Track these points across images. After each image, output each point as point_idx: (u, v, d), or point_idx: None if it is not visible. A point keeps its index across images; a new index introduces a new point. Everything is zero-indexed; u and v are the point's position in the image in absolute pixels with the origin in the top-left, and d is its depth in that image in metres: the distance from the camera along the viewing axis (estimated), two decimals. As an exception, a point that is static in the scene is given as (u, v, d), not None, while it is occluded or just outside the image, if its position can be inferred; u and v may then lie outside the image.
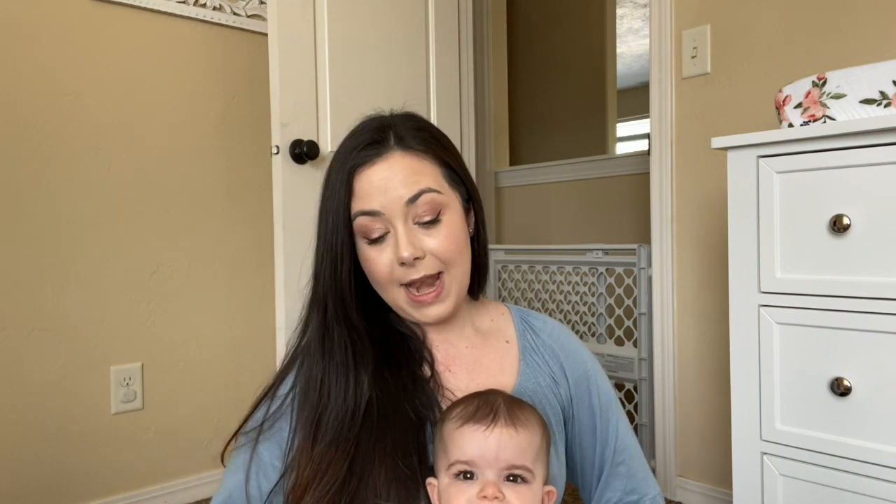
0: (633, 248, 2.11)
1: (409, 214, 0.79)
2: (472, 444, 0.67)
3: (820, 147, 1.16)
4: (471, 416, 0.69)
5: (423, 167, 0.81)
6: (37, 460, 1.77)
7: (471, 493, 0.66)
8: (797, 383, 1.19)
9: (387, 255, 0.80)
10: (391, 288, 0.82)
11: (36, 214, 1.78)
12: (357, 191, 0.80)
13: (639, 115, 5.84)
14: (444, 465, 0.69)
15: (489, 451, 0.67)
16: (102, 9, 1.88)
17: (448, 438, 0.69)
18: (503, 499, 0.66)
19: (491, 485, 0.66)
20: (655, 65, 2.01)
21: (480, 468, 0.67)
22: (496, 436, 0.67)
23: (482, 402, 0.70)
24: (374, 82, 2.04)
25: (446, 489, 0.68)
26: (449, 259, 0.81)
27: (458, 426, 0.69)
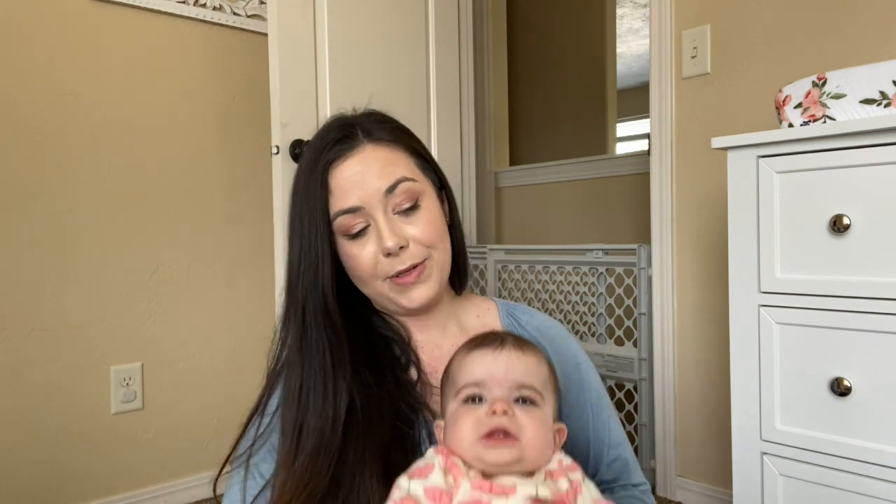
0: (633, 248, 2.11)
1: (388, 205, 0.79)
2: (480, 367, 0.66)
3: (820, 147, 1.16)
4: (478, 343, 0.68)
5: (395, 157, 0.82)
6: (37, 460, 1.77)
7: (479, 413, 0.64)
8: (797, 383, 1.19)
9: (369, 248, 0.79)
10: (375, 282, 0.81)
11: (36, 214, 1.78)
12: (333, 188, 0.80)
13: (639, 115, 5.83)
14: (452, 395, 0.68)
15: (498, 370, 0.66)
16: (102, 9, 1.88)
17: (456, 369, 0.69)
18: (513, 415, 0.63)
19: (500, 400, 0.64)
20: (655, 65, 2.01)
21: (489, 388, 0.66)
22: (505, 356, 0.67)
23: (489, 335, 0.70)
24: (374, 82, 2.04)
25: (454, 415, 0.66)
26: (432, 243, 0.81)
27: (466, 354, 0.68)
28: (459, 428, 0.64)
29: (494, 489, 0.60)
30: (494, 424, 0.62)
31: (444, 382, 0.71)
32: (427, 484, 0.61)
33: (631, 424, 2.17)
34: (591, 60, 3.62)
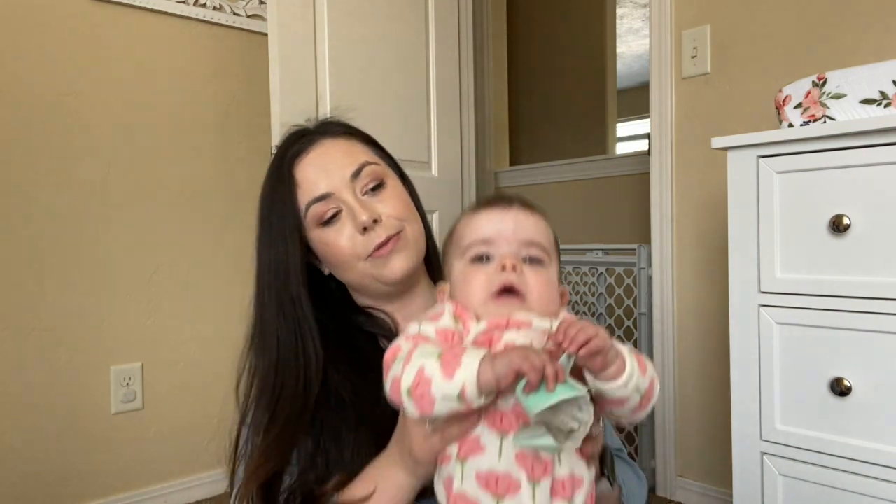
0: (633, 248, 2.11)
1: (355, 188, 0.82)
2: (489, 225, 0.66)
3: (820, 147, 1.16)
4: (486, 203, 0.68)
5: (353, 147, 0.86)
6: (37, 460, 1.77)
7: (488, 271, 0.64)
8: (797, 383, 1.19)
9: (345, 231, 0.81)
10: (357, 264, 0.82)
11: (36, 214, 1.78)
12: (300, 181, 0.82)
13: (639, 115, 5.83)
14: (458, 255, 0.67)
15: (506, 228, 0.65)
16: (102, 9, 1.88)
17: (463, 229, 0.68)
18: (521, 272, 0.63)
19: (509, 256, 0.64)
20: (655, 65, 2.01)
21: (497, 245, 0.65)
22: (513, 215, 0.66)
23: (496, 197, 0.69)
24: (374, 82, 2.04)
25: (462, 273, 0.66)
26: (403, 216, 0.83)
27: (473, 215, 0.68)
28: (469, 285, 0.64)
29: (511, 323, 0.60)
30: (503, 280, 0.62)
31: (447, 245, 0.71)
32: (438, 326, 0.62)
33: (631, 425, 2.17)
34: (591, 60, 3.61)
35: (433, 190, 2.15)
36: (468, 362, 0.53)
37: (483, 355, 0.54)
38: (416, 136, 2.18)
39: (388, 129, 2.10)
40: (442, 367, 0.54)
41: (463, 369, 0.53)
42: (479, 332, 0.61)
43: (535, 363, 0.51)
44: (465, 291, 0.65)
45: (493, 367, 0.53)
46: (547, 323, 0.61)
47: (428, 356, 0.55)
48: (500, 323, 0.61)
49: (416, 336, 0.61)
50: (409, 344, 0.59)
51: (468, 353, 0.55)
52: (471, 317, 0.63)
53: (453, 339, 0.61)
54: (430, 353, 0.56)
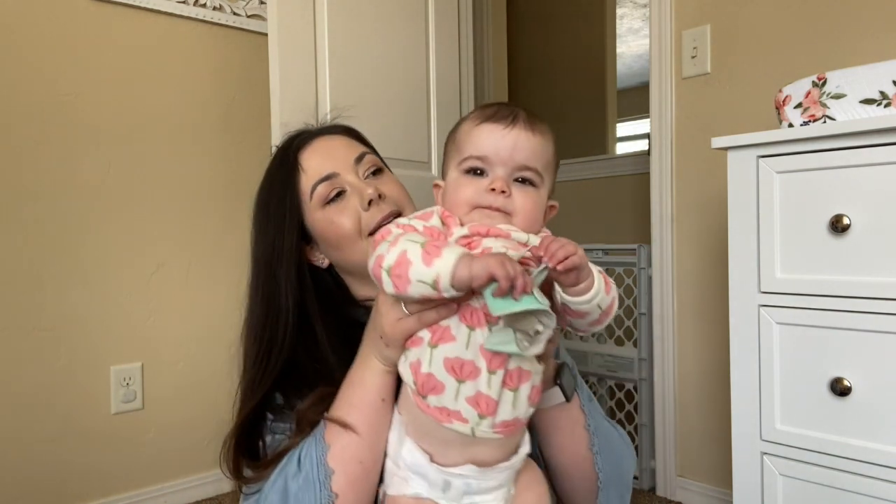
0: (633, 248, 2.11)
1: (358, 171, 0.87)
2: (488, 141, 0.67)
3: (820, 147, 1.16)
4: (490, 116, 0.68)
5: (352, 144, 0.91)
6: (37, 460, 1.77)
7: (479, 186, 0.67)
8: (797, 383, 1.19)
9: (350, 208, 0.84)
10: (357, 242, 0.84)
11: (36, 214, 1.78)
12: (306, 166, 0.87)
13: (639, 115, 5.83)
14: (455, 163, 0.70)
15: (504, 148, 0.67)
16: (102, 9, 1.88)
17: (464, 137, 0.69)
18: (510, 195, 0.67)
19: (500, 179, 0.67)
20: (655, 65, 2.01)
21: (492, 164, 0.68)
22: (514, 135, 0.67)
23: (502, 107, 0.70)
24: (374, 82, 2.04)
25: (454, 182, 0.69)
26: (401, 203, 0.87)
27: (476, 124, 0.69)
28: (458, 195, 0.68)
29: (491, 232, 0.65)
30: (490, 202, 0.66)
31: (448, 145, 0.73)
32: (426, 224, 0.66)
33: (631, 424, 2.17)
34: (591, 60, 3.61)
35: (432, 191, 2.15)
36: (447, 255, 0.58)
37: (463, 252, 0.58)
38: (416, 136, 2.18)
39: (388, 129, 2.10)
40: (423, 255, 0.58)
41: (441, 260, 0.58)
42: (461, 235, 0.65)
43: (509, 271, 0.55)
44: (453, 200, 0.68)
45: (470, 265, 0.57)
46: (525, 237, 0.66)
47: (412, 243, 0.60)
48: (480, 230, 0.65)
49: (405, 225, 0.66)
50: (399, 230, 0.64)
51: (450, 247, 0.59)
52: (455, 222, 0.67)
53: (439, 238, 0.65)
54: (415, 240, 0.60)
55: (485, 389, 0.61)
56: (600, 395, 2.26)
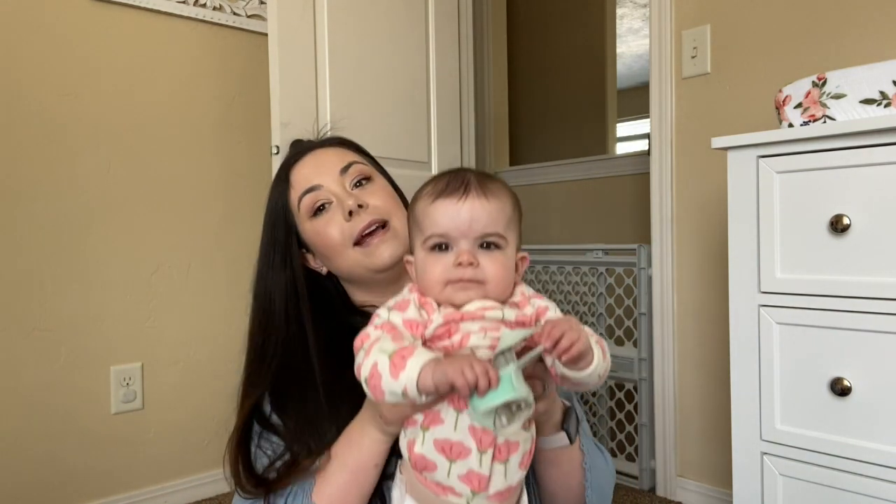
0: (633, 248, 2.11)
1: (343, 182, 0.89)
2: (445, 217, 0.68)
3: (820, 147, 1.16)
4: (442, 191, 0.69)
5: (346, 154, 0.93)
6: (37, 460, 1.77)
7: (446, 262, 0.68)
8: (797, 383, 1.19)
9: (335, 219, 0.87)
10: (346, 251, 0.87)
11: (36, 214, 1.78)
12: (294, 181, 0.90)
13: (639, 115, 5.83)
14: (420, 241, 0.71)
15: (462, 221, 0.68)
16: (102, 9, 1.88)
17: (422, 215, 0.70)
18: (477, 265, 0.68)
19: (465, 252, 0.68)
20: (655, 65, 2.01)
21: (454, 238, 0.68)
22: (468, 207, 0.68)
23: (452, 178, 0.70)
24: (374, 82, 2.04)
25: (423, 262, 0.70)
26: (388, 211, 0.88)
27: (431, 202, 0.69)
28: (429, 275, 0.69)
29: (465, 316, 0.66)
30: (460, 276, 0.67)
31: (410, 222, 0.74)
32: (405, 316, 0.67)
33: (631, 424, 2.17)
34: (591, 60, 3.62)
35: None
36: (411, 366, 0.59)
37: (425, 361, 0.59)
38: (416, 136, 2.18)
39: (388, 129, 2.10)
40: (391, 367, 0.60)
41: (406, 372, 0.59)
42: (437, 325, 0.66)
43: (468, 378, 0.57)
44: (425, 280, 0.70)
45: (433, 375, 0.58)
46: (499, 313, 0.67)
47: (382, 353, 0.61)
48: (454, 316, 0.66)
49: (383, 324, 0.67)
50: (377, 333, 0.65)
51: (415, 356, 0.60)
52: (432, 306, 0.68)
53: (417, 330, 0.66)
54: (384, 349, 0.62)
55: (476, 467, 0.64)
56: (600, 395, 2.26)
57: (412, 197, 0.74)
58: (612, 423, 2.24)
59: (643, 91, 2.36)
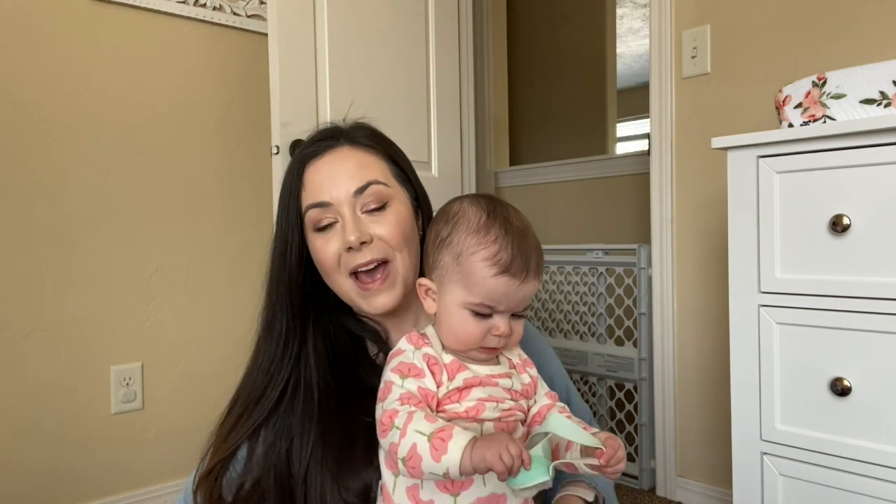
0: (633, 248, 2.11)
1: (356, 204, 0.83)
2: (504, 297, 0.70)
3: (820, 147, 1.16)
4: (506, 267, 0.70)
5: (369, 161, 0.85)
6: (37, 460, 1.77)
7: (485, 327, 0.71)
8: (797, 383, 1.19)
9: (334, 243, 0.83)
10: (339, 277, 0.84)
11: (36, 214, 1.78)
12: (307, 183, 0.85)
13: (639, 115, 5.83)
14: (462, 297, 0.71)
15: (515, 300, 0.71)
16: (102, 9, 1.88)
17: (475, 278, 0.70)
18: (510, 334, 0.72)
19: (505, 324, 0.71)
20: (655, 65, 2.01)
21: (498, 308, 0.71)
22: (526, 288, 0.71)
23: (517, 252, 0.70)
24: (374, 82, 2.04)
25: (460, 318, 0.72)
26: (396, 245, 0.83)
27: (492, 274, 0.70)
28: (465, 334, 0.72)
29: (484, 381, 0.71)
30: (495, 345, 0.72)
31: (446, 255, 0.73)
32: (420, 384, 0.69)
33: (631, 424, 2.17)
34: (591, 60, 3.62)
35: (433, 190, 2.12)
36: (453, 450, 0.61)
37: (466, 444, 0.62)
38: (416, 136, 2.18)
39: (389, 129, 2.09)
40: (431, 450, 0.62)
41: (448, 455, 0.61)
42: (453, 388, 0.70)
43: (505, 462, 0.59)
44: (458, 333, 0.72)
45: (472, 459, 0.61)
46: (509, 381, 0.73)
47: (420, 434, 0.63)
48: (472, 381, 0.70)
49: (404, 396, 0.68)
50: (405, 409, 0.67)
51: (454, 438, 0.62)
52: (440, 366, 0.71)
53: (433, 400, 0.69)
54: (422, 431, 0.64)
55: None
56: (600, 395, 2.26)
57: (448, 224, 0.73)
58: (612, 423, 2.24)
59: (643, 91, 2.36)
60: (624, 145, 6.54)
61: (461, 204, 0.74)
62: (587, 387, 2.29)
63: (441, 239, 0.73)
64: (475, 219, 0.72)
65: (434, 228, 0.75)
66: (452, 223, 0.73)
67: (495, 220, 0.71)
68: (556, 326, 2.36)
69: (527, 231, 0.73)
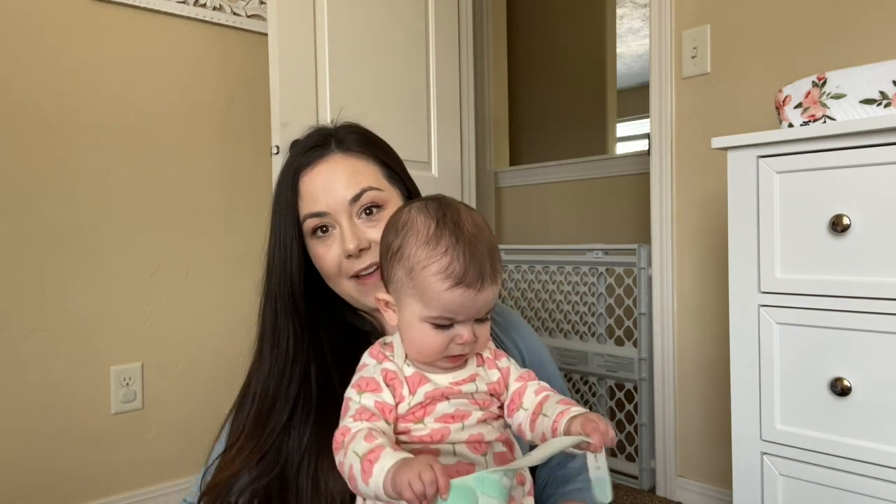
0: (633, 248, 2.11)
1: (352, 211, 0.86)
2: (461, 307, 0.68)
3: (820, 147, 1.16)
4: (459, 279, 0.67)
5: (361, 167, 0.88)
6: (37, 460, 1.77)
7: (446, 337, 0.69)
8: (797, 383, 1.19)
9: (334, 250, 0.86)
10: (340, 280, 0.88)
11: (36, 214, 1.78)
12: (303, 193, 0.87)
13: (639, 115, 5.84)
14: (419, 311, 0.69)
15: (475, 310, 0.69)
16: (102, 9, 1.88)
17: (430, 291, 0.68)
18: (475, 341, 0.70)
19: (468, 332, 0.69)
20: (655, 65, 2.01)
21: (458, 318, 0.69)
22: (483, 296, 0.68)
23: (470, 259, 0.67)
24: (374, 82, 2.04)
25: (421, 332, 0.70)
26: None
27: (446, 288, 0.67)
28: (427, 346, 0.70)
29: (446, 393, 0.69)
30: (458, 352, 0.70)
31: (399, 271, 0.71)
32: (377, 399, 0.68)
33: (631, 424, 2.17)
34: (591, 60, 3.62)
35: (433, 190, 2.14)
36: (376, 473, 0.59)
37: (389, 467, 0.58)
38: (416, 136, 2.18)
39: (388, 129, 2.09)
40: (362, 472, 0.61)
41: (373, 479, 0.59)
42: (415, 403, 0.68)
43: (415, 488, 0.55)
44: (419, 347, 0.70)
45: (392, 483, 0.57)
46: (472, 385, 0.71)
47: (355, 456, 0.62)
48: (434, 394, 0.68)
49: (358, 412, 0.67)
50: (356, 426, 0.66)
51: (381, 459, 0.60)
52: (400, 380, 0.69)
53: (391, 415, 0.68)
54: (357, 451, 0.62)
55: None
56: (600, 395, 2.26)
57: (398, 235, 0.70)
58: (612, 423, 2.24)
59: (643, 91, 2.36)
60: (624, 145, 6.54)
61: (409, 212, 0.71)
62: (587, 387, 2.29)
63: (392, 252, 0.71)
64: (424, 229, 0.69)
65: (384, 240, 0.73)
66: (402, 234, 0.70)
67: (445, 227, 0.68)
68: (556, 326, 2.36)
69: (480, 235, 0.69)
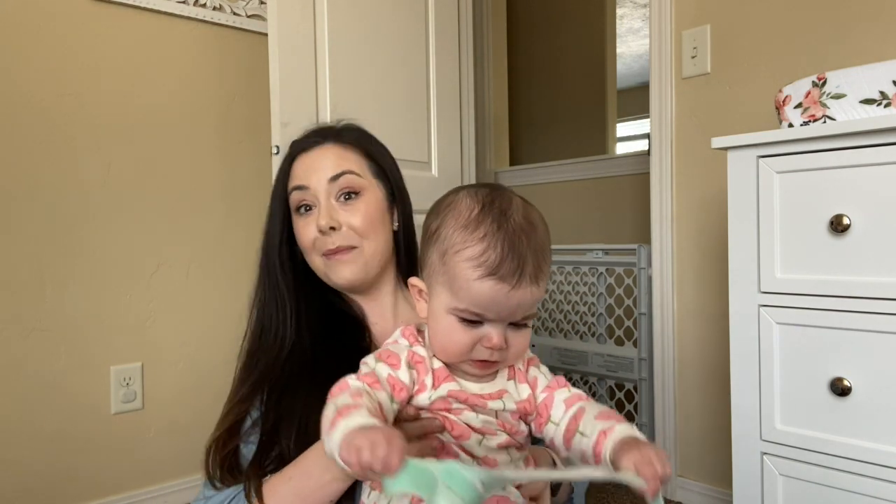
0: (633, 248, 2.11)
1: (331, 191, 0.92)
2: (491, 303, 0.61)
3: (820, 147, 1.16)
4: (493, 269, 0.59)
5: (348, 155, 0.95)
6: (37, 460, 1.77)
7: (475, 337, 0.62)
8: (797, 383, 1.19)
9: (312, 226, 0.92)
10: (314, 256, 0.94)
11: (36, 214, 1.78)
12: (294, 171, 0.96)
13: (639, 115, 5.83)
14: (447, 301, 0.63)
15: (508, 309, 0.61)
16: (102, 9, 1.88)
17: (459, 281, 0.61)
18: (506, 348, 0.63)
19: (498, 336, 0.62)
20: (655, 65, 2.01)
21: (491, 318, 0.62)
22: (519, 295, 0.60)
23: (509, 250, 0.60)
24: (374, 82, 2.04)
25: (447, 325, 0.63)
26: (363, 233, 0.92)
27: (478, 277, 0.60)
28: (452, 343, 0.63)
29: (471, 399, 0.64)
30: (486, 357, 0.63)
31: (433, 254, 0.65)
32: (392, 373, 0.63)
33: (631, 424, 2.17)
34: (591, 60, 3.62)
35: (433, 190, 2.14)
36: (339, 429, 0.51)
37: (353, 427, 0.51)
38: (416, 136, 2.18)
39: (388, 129, 2.09)
40: (330, 425, 0.53)
41: (335, 434, 0.52)
42: (437, 397, 0.63)
43: (363, 459, 0.48)
44: (443, 343, 0.64)
45: (346, 447, 0.50)
46: (500, 403, 0.64)
47: (332, 408, 0.55)
48: (460, 396, 0.63)
49: (366, 375, 0.61)
50: (356, 384, 0.60)
51: (349, 417, 0.52)
52: (425, 366, 0.64)
53: (401, 394, 0.62)
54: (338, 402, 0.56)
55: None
56: (600, 395, 2.26)
57: (438, 216, 0.65)
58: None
59: (643, 91, 2.36)
60: (624, 145, 6.54)
61: (456, 194, 0.67)
62: (587, 387, 2.29)
63: (430, 233, 0.65)
64: (466, 212, 0.63)
65: (426, 221, 0.68)
66: (443, 215, 0.64)
67: (489, 213, 0.62)
68: (556, 326, 2.36)
69: (529, 229, 0.62)
